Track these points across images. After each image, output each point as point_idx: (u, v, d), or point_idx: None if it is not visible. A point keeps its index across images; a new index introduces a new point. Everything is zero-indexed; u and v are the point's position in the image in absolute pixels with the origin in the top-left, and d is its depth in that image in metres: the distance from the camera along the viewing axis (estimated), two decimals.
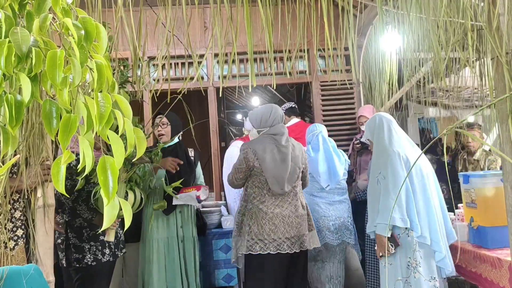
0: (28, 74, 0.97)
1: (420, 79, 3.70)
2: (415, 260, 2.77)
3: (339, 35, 1.75)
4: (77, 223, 2.79)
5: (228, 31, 1.68)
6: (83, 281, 2.81)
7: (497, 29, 1.85)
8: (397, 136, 2.99)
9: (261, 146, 3.03)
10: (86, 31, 0.99)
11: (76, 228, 2.80)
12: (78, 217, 2.79)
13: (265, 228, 2.96)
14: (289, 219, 3.01)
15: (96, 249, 2.81)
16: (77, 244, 2.79)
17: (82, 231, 2.81)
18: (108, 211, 1.02)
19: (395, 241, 2.79)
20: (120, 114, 1.00)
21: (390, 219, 2.74)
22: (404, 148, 2.93)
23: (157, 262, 3.33)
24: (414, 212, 2.79)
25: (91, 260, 2.78)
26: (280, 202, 3.04)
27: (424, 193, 2.87)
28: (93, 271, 2.80)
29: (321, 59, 4.64)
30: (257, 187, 3.05)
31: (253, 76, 1.79)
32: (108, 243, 2.85)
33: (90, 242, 2.80)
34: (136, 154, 1.09)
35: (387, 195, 2.80)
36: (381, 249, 2.81)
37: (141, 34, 1.62)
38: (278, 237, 2.96)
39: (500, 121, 2.02)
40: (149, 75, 3.85)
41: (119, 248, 2.97)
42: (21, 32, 0.97)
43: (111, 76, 1.02)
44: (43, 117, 0.97)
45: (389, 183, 2.82)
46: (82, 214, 2.80)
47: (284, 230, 2.98)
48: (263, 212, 2.99)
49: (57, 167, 0.96)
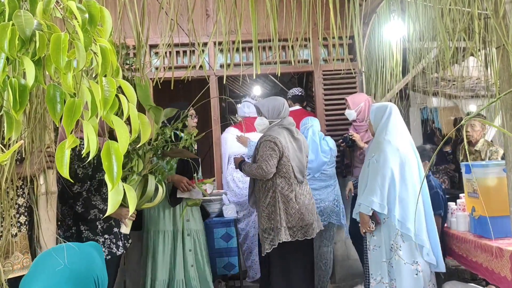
0: (32, 58, 0.96)
1: (423, 68, 3.68)
2: (396, 243, 2.94)
3: (344, 23, 1.73)
4: (92, 215, 2.63)
5: (231, 18, 1.66)
6: None
7: (503, 17, 1.83)
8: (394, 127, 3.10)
9: (282, 136, 3.20)
10: (90, 14, 0.98)
11: (89, 221, 2.65)
12: (93, 208, 2.64)
13: (294, 216, 3.15)
14: (308, 206, 3.22)
15: (111, 242, 2.69)
16: (91, 237, 2.65)
17: (95, 224, 2.67)
18: (112, 197, 1.01)
19: (375, 219, 2.99)
20: (124, 99, 0.99)
21: (370, 201, 2.94)
22: (401, 140, 3.05)
23: (162, 253, 3.31)
24: (395, 201, 2.93)
25: (105, 254, 2.64)
26: (301, 190, 3.24)
27: (413, 187, 2.97)
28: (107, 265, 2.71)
29: (324, 48, 4.61)
30: (284, 177, 3.18)
31: (257, 64, 1.77)
32: (120, 235, 2.75)
33: (105, 235, 2.67)
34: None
35: (374, 179, 2.98)
36: (364, 226, 3.01)
37: (144, 21, 1.61)
38: (305, 224, 3.16)
39: (504, 110, 2.00)
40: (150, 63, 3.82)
41: (127, 239, 2.88)
42: (25, 15, 0.96)
43: (115, 61, 1.01)
44: (47, 102, 0.96)
45: (378, 168, 2.98)
46: (98, 205, 2.65)
47: (308, 217, 3.18)
48: (293, 201, 3.16)
49: (61, 152, 0.95)
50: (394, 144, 3.01)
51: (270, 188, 3.20)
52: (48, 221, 2.07)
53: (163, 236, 3.34)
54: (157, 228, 3.34)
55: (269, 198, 3.19)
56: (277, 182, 3.17)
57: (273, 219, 3.15)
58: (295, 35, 1.72)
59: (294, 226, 3.14)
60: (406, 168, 2.98)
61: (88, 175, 2.59)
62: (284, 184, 3.17)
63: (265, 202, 3.21)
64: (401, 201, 2.94)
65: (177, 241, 3.34)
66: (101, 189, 2.66)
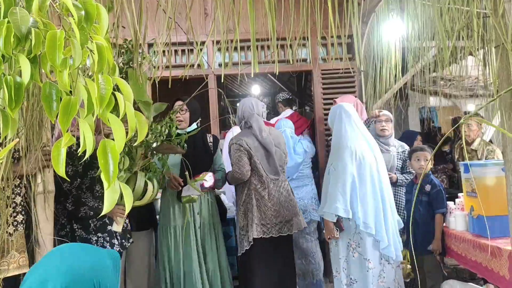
0: (28, 56, 0.96)
1: (422, 67, 3.67)
2: (354, 241, 3.12)
3: (342, 22, 1.72)
4: (82, 213, 2.61)
5: (229, 16, 1.66)
6: None
7: (502, 16, 1.82)
8: (352, 131, 3.23)
9: (247, 136, 3.33)
10: (86, 11, 0.97)
11: (81, 219, 2.62)
12: (83, 206, 2.61)
13: (267, 213, 3.24)
14: (285, 203, 3.30)
15: (104, 240, 2.65)
16: (84, 236, 2.63)
17: (88, 222, 2.65)
18: (108, 196, 1.01)
19: (339, 226, 3.15)
20: (121, 96, 0.98)
21: (335, 209, 3.06)
22: (358, 143, 3.18)
23: (174, 248, 3.30)
24: (357, 203, 3.07)
25: None
26: (277, 187, 3.32)
27: (373, 186, 3.11)
28: None
29: (322, 47, 4.60)
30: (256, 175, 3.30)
31: (255, 63, 1.77)
32: (115, 233, 2.70)
33: (98, 233, 2.64)
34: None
35: (335, 186, 3.11)
36: (328, 232, 3.19)
37: (142, 18, 1.60)
38: (279, 221, 3.26)
39: (503, 110, 2.00)
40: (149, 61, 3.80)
41: (127, 238, 2.81)
42: (20, 13, 0.95)
43: (111, 58, 1.00)
44: (43, 100, 0.96)
45: (337, 175, 3.12)
46: (88, 203, 2.62)
47: (284, 214, 3.27)
48: (265, 199, 3.26)
49: (57, 150, 0.94)
50: (349, 147, 3.14)
51: (245, 186, 3.33)
52: (45, 220, 2.06)
53: (174, 230, 3.32)
54: (169, 223, 3.33)
55: (244, 195, 3.32)
56: (250, 180, 3.29)
57: (248, 217, 3.26)
58: (294, 34, 1.71)
59: (268, 223, 3.23)
60: (362, 169, 3.12)
61: (78, 173, 2.57)
62: (257, 182, 3.29)
63: (241, 200, 3.35)
64: (363, 204, 3.08)
65: (189, 235, 3.32)
66: (94, 187, 2.63)
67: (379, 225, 3.07)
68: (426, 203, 3.28)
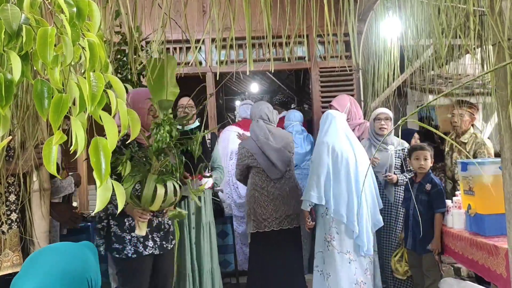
0: (19, 53, 0.95)
1: (421, 65, 3.66)
2: (330, 235, 3.33)
3: (339, 20, 1.71)
4: (110, 210, 2.54)
5: (226, 13, 1.65)
6: (124, 274, 2.59)
7: (499, 14, 1.81)
8: (334, 130, 3.48)
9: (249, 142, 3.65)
10: (78, 8, 0.97)
11: (118, 216, 2.54)
12: (109, 203, 2.41)
13: (267, 209, 3.54)
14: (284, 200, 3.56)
15: (138, 240, 2.56)
16: (118, 233, 2.56)
17: (124, 220, 2.57)
18: (100, 194, 1.00)
19: (312, 215, 3.44)
20: (113, 94, 0.98)
21: (308, 196, 3.33)
22: (338, 140, 3.43)
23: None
24: (330, 193, 3.33)
25: (131, 252, 2.53)
26: (279, 185, 3.59)
27: (347, 180, 3.35)
28: (134, 264, 2.56)
29: (320, 45, 4.59)
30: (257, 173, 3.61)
31: (250, 60, 1.76)
32: (152, 235, 2.60)
33: (131, 233, 2.54)
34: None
35: (311, 177, 3.39)
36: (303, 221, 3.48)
37: (136, 15, 1.59)
38: (280, 215, 3.53)
39: (500, 107, 1.99)
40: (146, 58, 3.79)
41: (168, 240, 2.71)
42: (12, 9, 0.94)
43: (104, 56, 0.99)
44: (35, 98, 0.95)
45: (313, 167, 3.41)
46: (114, 201, 2.46)
47: (284, 209, 3.54)
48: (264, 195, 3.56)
49: (48, 148, 0.93)
50: (330, 144, 3.38)
51: (250, 186, 3.67)
52: (41, 218, 2.06)
53: None
54: None
55: (248, 194, 3.66)
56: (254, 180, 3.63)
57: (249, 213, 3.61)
58: (289, 32, 1.70)
59: (268, 218, 3.52)
60: (339, 164, 3.36)
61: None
62: (258, 181, 3.60)
63: (246, 198, 3.71)
64: (335, 194, 3.34)
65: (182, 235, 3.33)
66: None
67: (351, 216, 3.29)
68: (426, 202, 3.27)
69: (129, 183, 2.30)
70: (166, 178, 2.34)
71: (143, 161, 2.33)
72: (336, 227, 3.31)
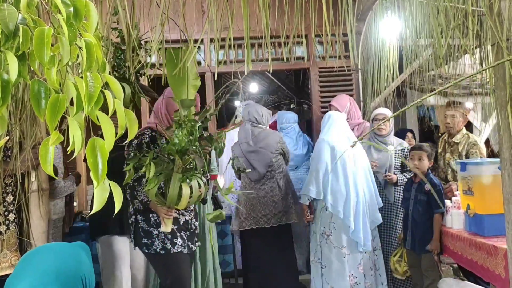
0: (16, 53, 0.94)
1: (420, 65, 3.66)
2: (328, 229, 3.48)
3: (338, 20, 1.71)
4: (136, 205, 2.55)
5: (224, 13, 1.64)
6: (156, 268, 2.62)
7: (498, 14, 1.81)
8: (334, 130, 3.60)
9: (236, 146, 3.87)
10: (75, 8, 0.96)
11: (144, 211, 2.56)
12: (135, 199, 2.54)
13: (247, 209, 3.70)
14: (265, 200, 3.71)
15: (165, 237, 2.56)
16: (146, 228, 2.57)
17: (149, 215, 2.57)
18: (98, 194, 1.00)
19: (311, 209, 3.61)
20: (110, 94, 0.97)
21: (307, 190, 3.48)
22: (338, 139, 3.53)
23: None
24: (328, 189, 3.46)
25: (159, 247, 2.54)
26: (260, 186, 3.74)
27: (345, 178, 3.47)
28: (162, 260, 2.58)
29: (319, 45, 4.59)
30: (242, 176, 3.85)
31: (249, 60, 1.76)
32: (180, 233, 2.60)
33: (158, 228, 2.54)
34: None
35: (310, 172, 3.57)
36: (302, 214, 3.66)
37: (135, 14, 1.59)
38: (256, 215, 3.68)
39: (499, 108, 1.99)
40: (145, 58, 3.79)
41: (193, 241, 2.70)
42: (8, 9, 0.94)
43: (101, 56, 0.99)
44: (31, 98, 0.95)
45: (313, 163, 3.57)
46: (139, 196, 2.53)
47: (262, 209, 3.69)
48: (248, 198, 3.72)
49: (45, 149, 0.93)
50: (329, 142, 3.50)
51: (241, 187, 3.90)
52: (39, 218, 2.05)
53: None
54: None
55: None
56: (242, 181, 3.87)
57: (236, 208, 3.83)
58: (289, 32, 1.70)
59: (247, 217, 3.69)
60: (338, 162, 3.47)
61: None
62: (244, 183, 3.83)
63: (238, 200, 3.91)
64: (333, 190, 3.46)
65: None
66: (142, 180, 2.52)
67: (347, 212, 3.41)
68: (425, 202, 3.27)
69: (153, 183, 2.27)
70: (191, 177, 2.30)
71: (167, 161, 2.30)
72: (334, 222, 3.45)
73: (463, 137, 3.75)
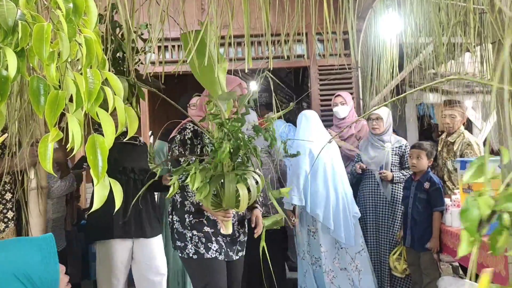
0: (15, 49, 0.94)
1: (420, 63, 3.65)
2: (314, 226, 3.61)
3: (338, 18, 1.70)
4: (187, 206, 2.41)
5: (224, 11, 1.64)
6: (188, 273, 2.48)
7: (499, 12, 1.81)
8: (308, 131, 3.64)
9: None
10: (75, 4, 0.95)
11: (180, 211, 2.42)
12: (186, 200, 2.40)
13: None
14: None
15: (199, 240, 2.38)
16: (180, 230, 2.42)
17: (184, 216, 2.42)
18: (98, 192, 0.99)
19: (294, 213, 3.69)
20: (110, 91, 0.97)
21: (290, 198, 3.53)
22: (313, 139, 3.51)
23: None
24: (308, 194, 3.53)
25: (192, 251, 2.37)
26: None
27: (325, 181, 3.55)
28: (194, 265, 2.40)
29: (319, 43, 4.58)
30: None
31: (249, 58, 1.75)
32: (216, 238, 2.41)
33: (193, 231, 2.39)
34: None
35: (291, 179, 3.66)
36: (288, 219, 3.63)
37: (134, 11, 1.58)
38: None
39: (499, 105, 1.98)
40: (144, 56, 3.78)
41: (235, 250, 2.49)
42: (7, 5, 0.93)
43: (100, 52, 0.98)
44: (30, 94, 0.94)
45: (293, 170, 3.62)
46: (190, 197, 2.38)
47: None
48: None
49: (44, 146, 0.92)
50: (306, 145, 3.49)
51: None
52: (38, 216, 2.05)
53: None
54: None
55: None
56: None
57: None
58: (289, 30, 1.69)
59: None
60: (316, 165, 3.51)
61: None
62: None
63: None
64: (312, 192, 3.53)
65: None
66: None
67: (327, 213, 3.51)
68: (425, 200, 3.27)
69: (205, 192, 1.98)
70: (244, 174, 2.02)
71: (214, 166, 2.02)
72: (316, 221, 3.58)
73: (458, 136, 3.71)
